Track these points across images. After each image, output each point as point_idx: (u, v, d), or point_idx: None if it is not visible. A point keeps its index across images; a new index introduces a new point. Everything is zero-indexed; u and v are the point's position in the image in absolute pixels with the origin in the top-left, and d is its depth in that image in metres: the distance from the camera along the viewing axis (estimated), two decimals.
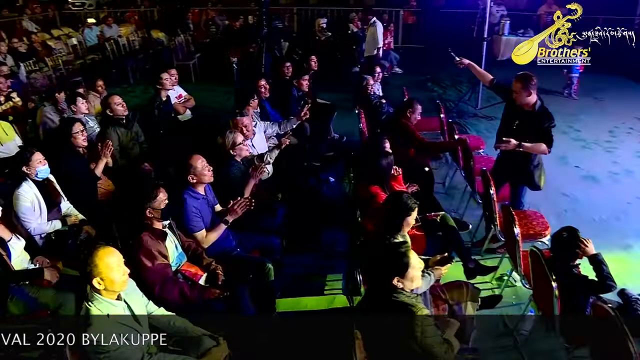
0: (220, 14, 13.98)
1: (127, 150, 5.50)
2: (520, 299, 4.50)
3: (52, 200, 4.29)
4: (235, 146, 4.68)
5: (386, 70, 11.19)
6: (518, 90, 4.68)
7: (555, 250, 3.78)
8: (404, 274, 2.91)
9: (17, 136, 5.92)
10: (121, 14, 14.84)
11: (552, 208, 6.06)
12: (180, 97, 6.99)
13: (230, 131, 4.74)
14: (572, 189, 6.59)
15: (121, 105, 5.41)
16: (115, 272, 2.79)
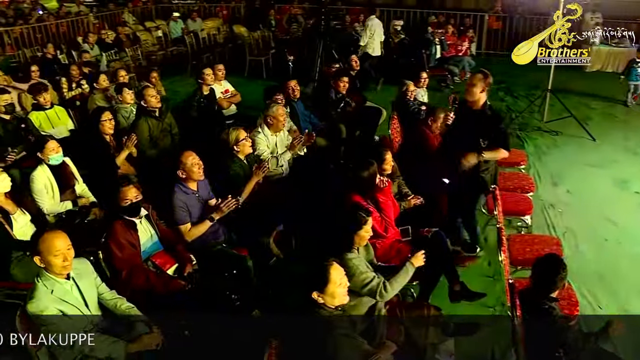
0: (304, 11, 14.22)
1: (158, 141, 5.81)
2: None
3: (65, 182, 4.68)
4: (237, 142, 4.79)
5: (457, 76, 10.95)
6: (476, 83, 4.58)
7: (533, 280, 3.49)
8: (322, 289, 2.87)
9: (70, 121, 6.43)
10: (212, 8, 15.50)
11: (590, 234, 5.69)
12: (226, 92, 7.23)
13: (233, 128, 4.87)
14: (623, 217, 6.02)
15: (154, 97, 5.73)
16: (54, 257, 3.02)
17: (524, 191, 5.57)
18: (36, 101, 6.19)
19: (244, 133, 4.85)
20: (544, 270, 3.37)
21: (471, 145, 4.66)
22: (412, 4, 15.53)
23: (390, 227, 4.21)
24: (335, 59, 8.22)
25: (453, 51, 11.06)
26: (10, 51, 11.18)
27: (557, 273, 3.31)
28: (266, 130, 5.41)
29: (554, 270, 3.32)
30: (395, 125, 6.31)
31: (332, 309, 2.91)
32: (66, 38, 12.74)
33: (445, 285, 4.38)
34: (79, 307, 3.13)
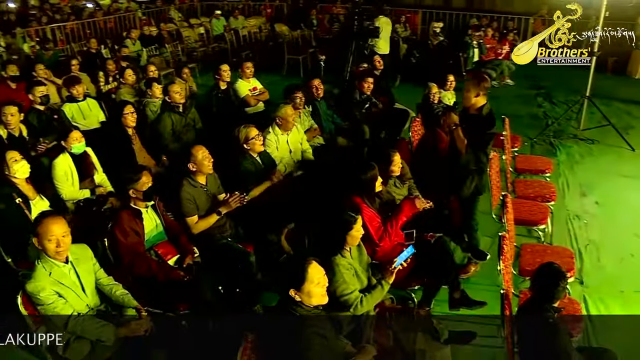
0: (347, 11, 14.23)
1: (181, 135, 5.98)
2: None
3: (85, 171, 4.90)
4: (247, 141, 4.88)
5: (496, 80, 10.77)
6: (469, 88, 4.60)
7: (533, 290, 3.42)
8: (299, 287, 2.88)
9: (101, 113, 6.70)
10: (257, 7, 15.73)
11: (614, 248, 5.49)
12: (254, 89, 7.31)
13: (244, 125, 4.95)
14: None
15: (179, 94, 5.91)
16: (47, 241, 3.19)
17: (544, 200, 5.42)
18: (70, 93, 6.46)
19: (254, 131, 4.91)
20: (543, 280, 3.28)
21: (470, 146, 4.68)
22: (460, 5, 15.34)
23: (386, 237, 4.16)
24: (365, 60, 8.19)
25: (492, 55, 10.87)
26: (61, 46, 11.69)
27: (556, 284, 3.22)
28: (276, 129, 5.45)
29: (553, 280, 3.23)
30: (416, 127, 6.27)
31: (310, 307, 2.92)
32: (113, 33, 13.24)
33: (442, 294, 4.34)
34: (76, 290, 3.29)
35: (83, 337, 3.22)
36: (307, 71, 11.75)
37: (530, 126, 8.87)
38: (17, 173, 4.31)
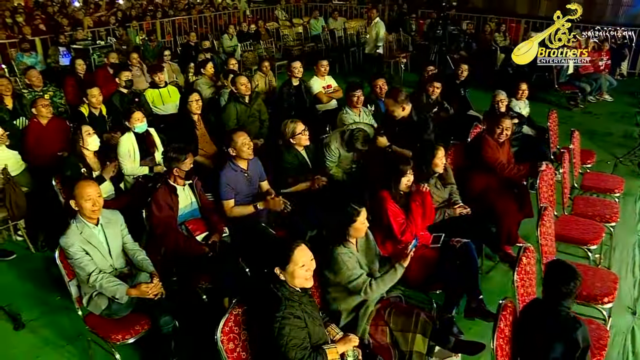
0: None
1: (246, 125, 6.29)
2: None
3: (146, 149, 5.36)
4: (294, 135, 5.04)
5: (592, 95, 10.20)
6: (392, 108, 5.27)
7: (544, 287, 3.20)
8: (284, 266, 2.95)
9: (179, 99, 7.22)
10: (361, 9, 15.94)
11: None
12: (328, 87, 7.49)
13: (291, 120, 5.12)
14: None
15: (245, 86, 6.22)
16: (85, 201, 3.57)
17: (603, 220, 5.13)
18: (152, 80, 7.05)
19: (301, 126, 5.06)
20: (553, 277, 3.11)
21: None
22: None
23: (408, 232, 4.14)
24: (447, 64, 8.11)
25: (591, 68, 10.25)
26: (168, 38, 12.62)
27: (566, 282, 3.03)
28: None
29: (562, 277, 3.05)
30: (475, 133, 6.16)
31: (293, 289, 2.99)
32: (219, 29, 14.05)
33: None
34: (102, 251, 3.66)
35: (101, 292, 3.58)
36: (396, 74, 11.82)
37: (620, 145, 8.33)
38: (89, 145, 4.87)
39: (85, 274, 3.54)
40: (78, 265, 3.53)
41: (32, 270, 5.20)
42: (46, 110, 5.79)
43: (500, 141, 5.41)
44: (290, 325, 2.85)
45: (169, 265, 4.08)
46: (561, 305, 3.05)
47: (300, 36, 13.23)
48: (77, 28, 11.22)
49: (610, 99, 10.50)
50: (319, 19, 14.03)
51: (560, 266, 3.16)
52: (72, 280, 3.73)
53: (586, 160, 6.51)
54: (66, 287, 3.76)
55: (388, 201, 4.16)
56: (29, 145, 5.68)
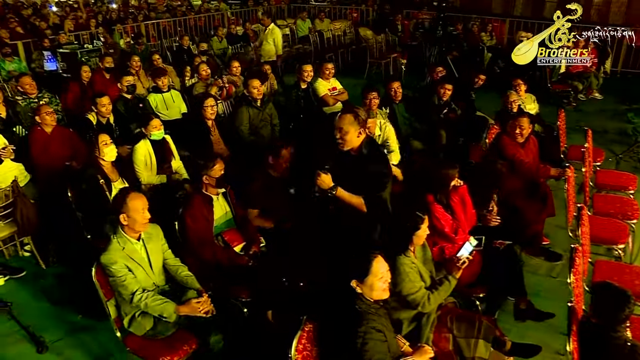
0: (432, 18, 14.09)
1: (257, 129, 6.15)
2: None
3: (163, 157, 5.14)
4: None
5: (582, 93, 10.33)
6: (348, 129, 3.43)
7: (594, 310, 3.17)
8: (362, 279, 2.88)
9: (184, 105, 6.99)
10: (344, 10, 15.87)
11: None
12: (334, 89, 7.37)
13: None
14: None
15: (257, 89, 6.05)
16: (138, 214, 3.38)
17: (625, 217, 5.15)
18: (155, 84, 6.80)
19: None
20: (607, 303, 3.07)
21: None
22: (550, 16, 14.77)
23: (460, 230, 4.10)
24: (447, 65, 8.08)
25: (580, 67, 10.36)
26: (153, 41, 12.30)
27: (621, 309, 3.00)
28: None
29: (618, 305, 3.01)
30: (493, 134, 6.12)
31: (371, 301, 2.91)
32: (202, 31, 13.80)
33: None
34: (144, 267, 3.45)
35: (146, 312, 3.37)
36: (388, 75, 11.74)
37: (617, 142, 8.42)
38: (106, 156, 4.62)
39: (128, 293, 3.34)
40: (121, 283, 3.32)
41: (47, 287, 4.93)
42: (50, 118, 5.51)
43: (519, 141, 5.40)
44: (373, 339, 2.78)
45: (206, 280, 3.87)
46: (617, 331, 3.03)
47: (287, 38, 13.06)
48: (60, 32, 10.82)
49: (600, 97, 10.64)
50: (306, 20, 13.90)
51: (614, 291, 3.10)
52: (110, 300, 3.50)
53: (596, 158, 6.54)
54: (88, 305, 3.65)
55: (434, 204, 4.09)
56: (35, 155, 5.38)
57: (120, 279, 3.32)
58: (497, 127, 6.29)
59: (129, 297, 3.34)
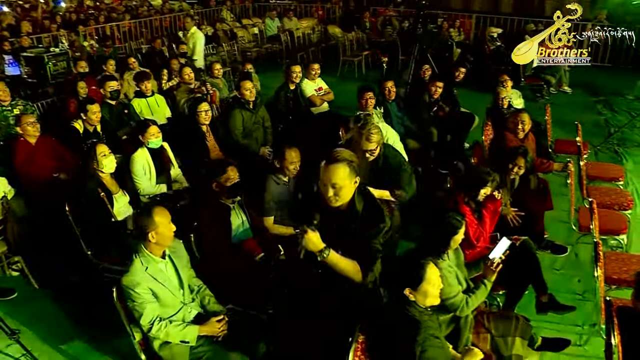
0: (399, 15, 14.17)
1: (251, 132, 5.98)
2: None
3: (162, 166, 4.92)
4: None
5: (554, 86, 10.54)
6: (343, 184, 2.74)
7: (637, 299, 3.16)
8: (416, 286, 2.82)
9: (168, 109, 6.76)
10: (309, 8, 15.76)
11: None
12: (320, 89, 7.30)
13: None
14: None
15: (249, 91, 5.90)
16: (166, 228, 3.17)
17: (621, 208, 5.26)
18: (139, 89, 6.53)
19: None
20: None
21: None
22: (508, 10, 15.06)
23: (482, 238, 4.09)
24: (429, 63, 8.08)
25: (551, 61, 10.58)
26: (118, 44, 11.87)
27: None
28: None
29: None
30: (488, 131, 6.15)
31: (423, 308, 2.85)
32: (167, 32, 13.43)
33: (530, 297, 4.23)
34: (170, 287, 3.23)
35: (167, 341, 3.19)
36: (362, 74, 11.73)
37: (593, 134, 8.59)
38: (105, 168, 4.38)
39: (147, 322, 3.12)
40: (140, 310, 3.09)
41: (42, 310, 4.58)
42: (33, 129, 5.22)
43: (520, 136, 5.44)
44: (432, 347, 2.73)
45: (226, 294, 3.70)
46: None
47: (256, 37, 12.85)
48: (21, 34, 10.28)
49: (569, 90, 10.87)
50: (275, 19, 13.71)
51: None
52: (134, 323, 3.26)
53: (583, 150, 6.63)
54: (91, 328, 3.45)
55: (463, 206, 4.07)
56: (19, 167, 5.08)
57: (141, 305, 3.09)
58: (490, 123, 6.32)
59: (147, 326, 3.13)
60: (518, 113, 5.51)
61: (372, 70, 11.84)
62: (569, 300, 4.46)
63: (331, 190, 2.74)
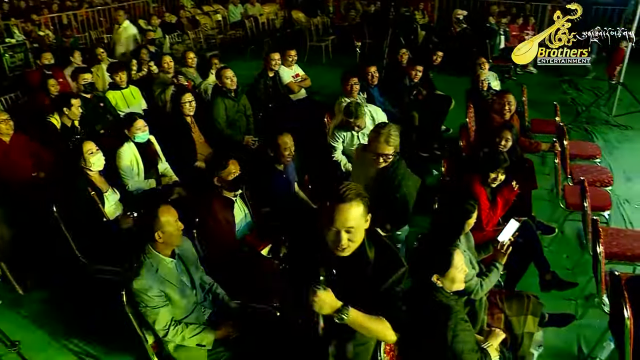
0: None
1: (234, 122, 5.85)
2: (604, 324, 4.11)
3: (150, 160, 4.74)
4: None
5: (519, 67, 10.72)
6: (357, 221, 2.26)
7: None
8: (444, 272, 2.84)
9: (143, 100, 6.53)
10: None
11: None
12: (297, 76, 7.22)
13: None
14: None
15: (230, 79, 5.76)
16: (173, 227, 3.02)
17: (603, 185, 5.40)
18: (113, 80, 6.28)
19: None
20: None
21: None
22: None
23: (491, 222, 4.13)
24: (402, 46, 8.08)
25: (516, 41, 10.75)
26: (76, 33, 11.37)
27: None
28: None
29: None
30: (471, 114, 6.19)
31: (449, 294, 2.87)
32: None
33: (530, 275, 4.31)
34: (182, 287, 3.10)
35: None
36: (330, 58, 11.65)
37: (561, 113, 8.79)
38: (94, 165, 4.19)
39: (162, 327, 2.99)
40: (154, 314, 2.96)
41: (30, 317, 4.35)
42: (6, 127, 4.96)
43: (507, 117, 5.50)
44: (463, 331, 2.75)
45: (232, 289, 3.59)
46: None
47: (219, 24, 12.56)
48: None
49: (535, 70, 11.07)
50: (238, 5, 13.41)
51: None
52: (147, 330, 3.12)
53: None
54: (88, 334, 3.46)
55: (479, 187, 4.12)
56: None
57: (154, 311, 2.95)
58: (472, 106, 6.35)
59: (163, 331, 3.01)
60: (504, 94, 5.56)
61: (340, 55, 11.79)
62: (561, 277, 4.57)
63: (345, 236, 2.24)
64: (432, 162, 6.63)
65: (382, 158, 3.88)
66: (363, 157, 4.09)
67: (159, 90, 6.54)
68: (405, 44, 9.15)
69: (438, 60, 7.77)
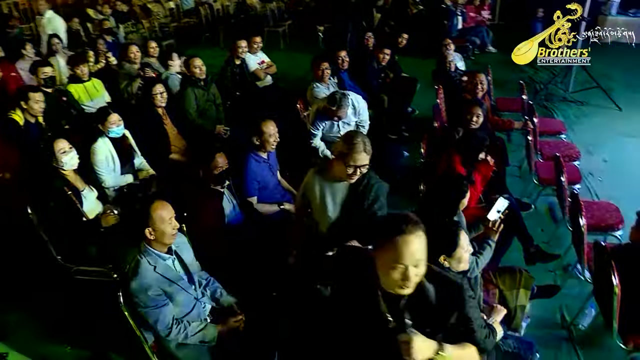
0: None
1: (204, 111, 5.72)
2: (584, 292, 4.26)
3: (125, 155, 4.57)
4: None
5: (476, 47, 10.86)
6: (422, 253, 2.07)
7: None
8: (451, 253, 2.88)
9: (105, 93, 6.29)
10: None
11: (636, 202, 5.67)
12: (262, 62, 7.13)
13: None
14: None
15: (199, 68, 5.64)
16: (166, 225, 2.90)
17: (571, 159, 5.54)
18: (73, 73, 6.03)
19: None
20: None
21: None
22: None
23: (473, 199, 4.17)
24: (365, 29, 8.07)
25: (472, 22, 10.91)
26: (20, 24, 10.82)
27: None
28: None
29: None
30: (441, 94, 6.24)
31: (455, 273, 2.90)
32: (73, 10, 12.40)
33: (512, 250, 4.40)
34: (182, 284, 3.01)
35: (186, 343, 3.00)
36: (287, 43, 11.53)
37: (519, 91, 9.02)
38: (67, 165, 4.00)
39: (165, 327, 2.90)
40: (155, 314, 2.86)
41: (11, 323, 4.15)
42: None
43: (479, 97, 5.56)
44: (473, 307, 2.70)
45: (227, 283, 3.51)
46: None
47: (172, 12, 12.23)
48: None
49: (494, 50, 11.24)
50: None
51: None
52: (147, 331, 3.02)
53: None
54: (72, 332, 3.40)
55: (461, 168, 4.16)
56: None
57: (155, 311, 2.85)
58: (441, 87, 6.41)
59: (166, 331, 2.92)
60: (475, 74, 5.62)
61: (297, 40, 11.69)
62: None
63: (413, 271, 2.03)
64: (402, 143, 6.66)
65: (359, 170, 3.34)
66: (326, 179, 3.52)
67: (124, 82, 6.31)
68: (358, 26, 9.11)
69: (403, 42, 7.80)
